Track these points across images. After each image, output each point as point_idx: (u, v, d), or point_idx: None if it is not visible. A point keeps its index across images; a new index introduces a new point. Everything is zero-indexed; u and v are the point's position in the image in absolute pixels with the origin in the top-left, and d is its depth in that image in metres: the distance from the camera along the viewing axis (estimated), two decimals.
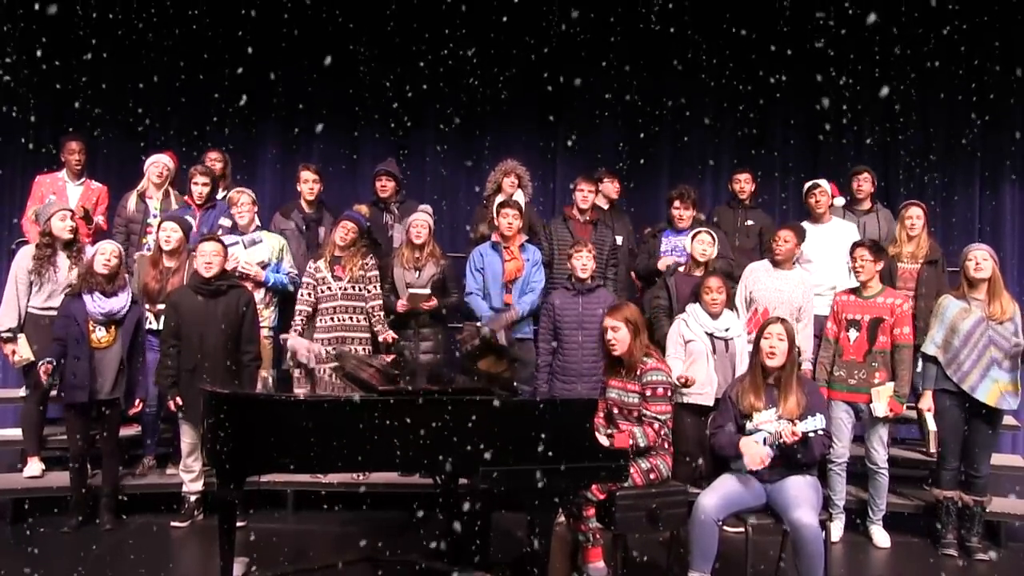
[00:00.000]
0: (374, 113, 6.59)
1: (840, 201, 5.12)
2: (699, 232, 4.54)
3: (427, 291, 4.63)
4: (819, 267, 4.74)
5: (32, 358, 4.29)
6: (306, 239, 5.07)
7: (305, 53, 6.34)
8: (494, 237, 4.82)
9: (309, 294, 4.64)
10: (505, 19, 6.15)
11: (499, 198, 5.15)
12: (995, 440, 4.19)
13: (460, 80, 6.45)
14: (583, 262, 4.42)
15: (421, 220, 4.74)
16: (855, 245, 4.29)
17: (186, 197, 5.04)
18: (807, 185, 4.99)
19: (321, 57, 6.28)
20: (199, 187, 4.95)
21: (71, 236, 4.43)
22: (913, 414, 4.85)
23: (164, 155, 5.10)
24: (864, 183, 5.16)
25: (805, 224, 4.89)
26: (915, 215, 4.67)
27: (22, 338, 4.37)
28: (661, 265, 4.77)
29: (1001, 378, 4.00)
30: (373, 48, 6.44)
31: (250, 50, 6.17)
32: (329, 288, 4.61)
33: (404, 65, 6.45)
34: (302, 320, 4.61)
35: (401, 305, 4.65)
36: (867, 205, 5.17)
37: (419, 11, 6.27)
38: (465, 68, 6.38)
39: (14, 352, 4.37)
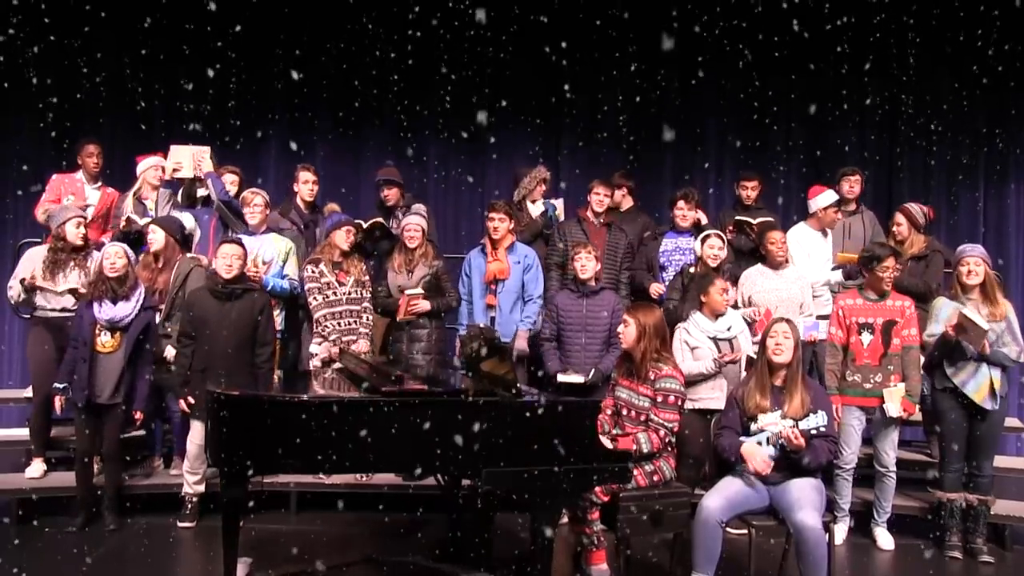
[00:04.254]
0: (376, 113, 6.61)
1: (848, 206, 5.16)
2: (709, 235, 4.52)
3: (420, 291, 4.54)
4: (807, 268, 4.74)
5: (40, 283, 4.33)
6: (305, 239, 5.07)
7: (308, 52, 6.35)
8: (484, 240, 4.81)
9: (324, 298, 4.57)
10: (507, 15, 6.16)
11: (529, 203, 5.13)
12: (997, 439, 4.16)
13: (462, 78, 6.45)
14: (584, 263, 4.41)
15: (415, 224, 4.66)
16: (885, 256, 4.17)
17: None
18: (829, 200, 4.83)
19: (324, 56, 6.31)
20: (229, 187, 4.95)
21: (82, 243, 4.43)
22: (917, 416, 4.85)
23: (157, 156, 5.09)
24: (855, 184, 5.18)
25: (806, 229, 4.91)
26: (897, 221, 4.74)
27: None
28: (653, 292, 4.73)
29: (994, 374, 3.99)
30: (375, 47, 6.45)
31: (250, 48, 6.21)
32: (334, 292, 4.59)
33: (406, 63, 6.46)
34: (330, 325, 4.55)
35: (404, 314, 4.54)
36: (853, 207, 5.19)
37: (420, 7, 6.28)
38: (467, 66, 6.39)
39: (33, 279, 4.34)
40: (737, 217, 5.09)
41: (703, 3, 6.30)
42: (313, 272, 4.61)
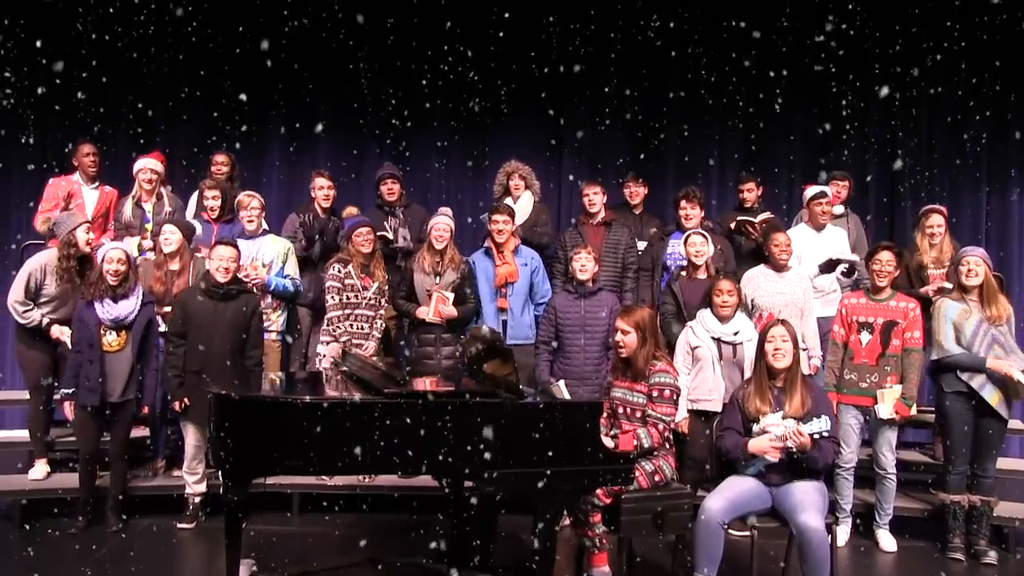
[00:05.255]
0: (377, 114, 6.61)
1: (839, 209, 5.16)
2: (690, 234, 4.53)
3: (450, 294, 4.53)
4: (813, 270, 4.73)
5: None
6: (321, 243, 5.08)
7: (308, 55, 6.35)
8: (487, 243, 4.79)
9: (343, 300, 4.53)
10: (507, 16, 6.17)
11: (508, 200, 5.14)
12: (1002, 440, 4.16)
13: (462, 80, 6.45)
14: (582, 264, 4.40)
15: (443, 224, 4.64)
16: (879, 248, 4.23)
17: (202, 212, 5.05)
18: (812, 192, 4.94)
19: (323, 59, 6.31)
20: (210, 201, 4.96)
21: (90, 249, 4.40)
22: (924, 417, 4.84)
23: (150, 158, 5.08)
24: (842, 190, 5.21)
25: (804, 228, 4.93)
26: (936, 223, 4.64)
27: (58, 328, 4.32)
28: None
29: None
30: (375, 48, 6.46)
31: (253, 52, 6.21)
32: (356, 295, 4.57)
33: (405, 65, 6.47)
34: (342, 327, 4.53)
35: (434, 314, 4.48)
36: (840, 211, 5.19)
37: (420, 10, 6.29)
38: (467, 67, 6.39)
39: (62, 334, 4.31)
40: (739, 218, 5.10)
41: (705, 7, 6.31)
42: (339, 272, 4.56)
